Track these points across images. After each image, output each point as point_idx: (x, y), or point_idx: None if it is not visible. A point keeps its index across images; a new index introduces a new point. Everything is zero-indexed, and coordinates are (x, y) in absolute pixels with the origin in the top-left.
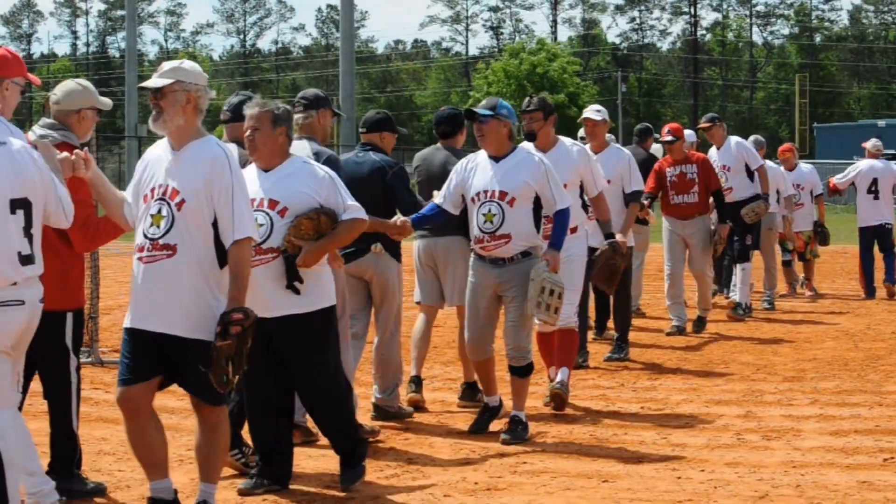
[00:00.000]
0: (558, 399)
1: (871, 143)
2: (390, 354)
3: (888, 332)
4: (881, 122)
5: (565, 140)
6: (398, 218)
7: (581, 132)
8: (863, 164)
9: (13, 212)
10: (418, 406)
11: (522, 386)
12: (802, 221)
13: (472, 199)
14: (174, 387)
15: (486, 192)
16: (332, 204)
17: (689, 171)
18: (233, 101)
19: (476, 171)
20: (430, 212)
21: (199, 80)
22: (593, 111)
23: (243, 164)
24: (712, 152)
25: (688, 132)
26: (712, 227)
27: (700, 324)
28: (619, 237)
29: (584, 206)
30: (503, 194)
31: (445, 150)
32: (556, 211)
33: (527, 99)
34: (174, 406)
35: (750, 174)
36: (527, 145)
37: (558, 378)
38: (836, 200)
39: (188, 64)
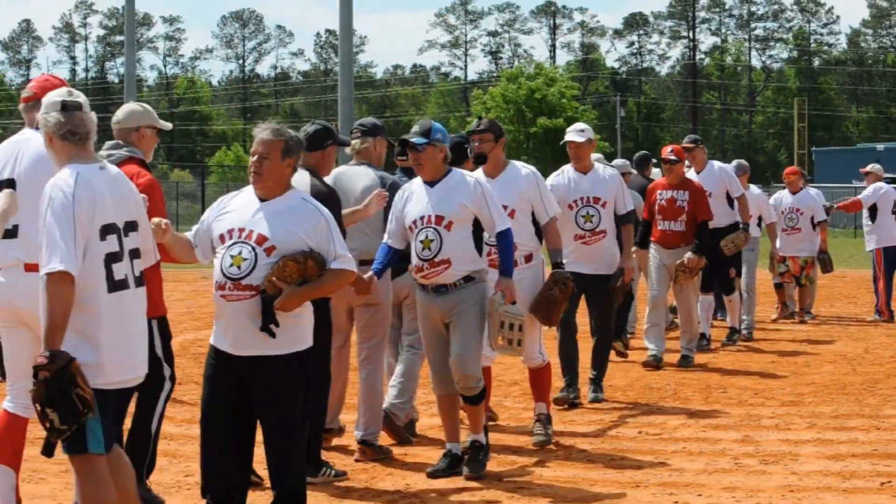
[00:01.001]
0: (538, 444)
1: (876, 168)
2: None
3: (886, 357)
4: (880, 146)
5: (516, 163)
6: (367, 276)
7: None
8: (884, 185)
9: None
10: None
11: (477, 411)
12: (798, 247)
13: (410, 228)
14: (173, 413)
15: (422, 218)
16: (323, 250)
17: (679, 198)
18: (309, 130)
19: (411, 198)
20: (384, 256)
21: (45, 108)
22: (576, 132)
23: (320, 192)
24: (691, 176)
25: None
26: (687, 255)
27: (685, 361)
28: (626, 263)
29: (538, 233)
30: (439, 219)
31: None
32: (497, 233)
33: (476, 120)
34: (172, 432)
35: (730, 201)
36: (476, 173)
37: (537, 411)
38: (836, 224)
39: (45, 98)
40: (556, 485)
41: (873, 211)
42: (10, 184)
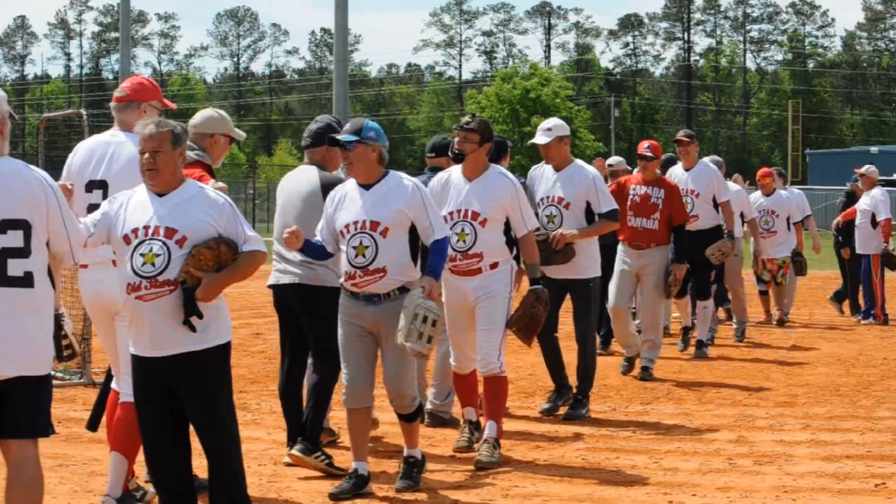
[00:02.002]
0: (480, 466)
1: (872, 170)
2: (449, 364)
3: (880, 358)
4: (874, 149)
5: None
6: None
7: (611, 160)
8: (882, 191)
9: None
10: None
11: (413, 428)
12: (775, 249)
13: (342, 233)
14: None
15: (355, 223)
16: (232, 233)
17: (654, 195)
18: (312, 127)
19: (344, 201)
20: (317, 243)
21: None
22: (541, 133)
23: (328, 187)
24: (677, 172)
25: (712, 158)
26: (672, 267)
27: (645, 373)
28: (564, 232)
29: (511, 243)
30: (374, 224)
31: None
32: (434, 240)
33: (468, 116)
34: None
35: (715, 204)
36: (454, 169)
37: (485, 434)
38: (829, 226)
39: None
40: (550, 483)
41: (874, 216)
42: (101, 184)
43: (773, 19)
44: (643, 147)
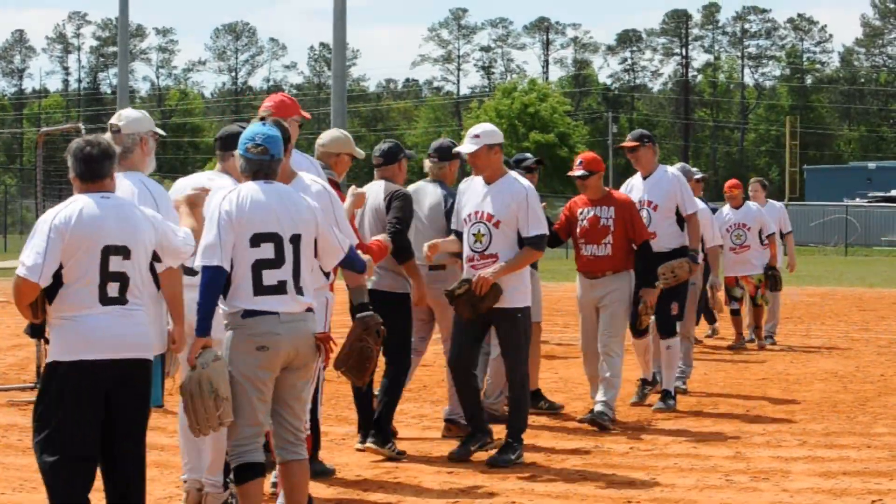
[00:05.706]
0: None
1: None
2: (502, 364)
3: (876, 374)
4: (872, 165)
5: (305, 177)
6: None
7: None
8: None
9: None
10: None
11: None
12: (748, 265)
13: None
14: (164, 423)
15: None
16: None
17: (603, 215)
18: (384, 147)
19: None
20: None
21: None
22: (468, 140)
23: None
24: (635, 182)
25: (681, 166)
26: (642, 293)
27: (602, 418)
28: (485, 273)
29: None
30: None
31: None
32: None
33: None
34: (164, 444)
35: (681, 220)
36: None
37: None
38: (826, 241)
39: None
40: (547, 499)
41: None
42: None
43: (771, 35)
44: (576, 164)
